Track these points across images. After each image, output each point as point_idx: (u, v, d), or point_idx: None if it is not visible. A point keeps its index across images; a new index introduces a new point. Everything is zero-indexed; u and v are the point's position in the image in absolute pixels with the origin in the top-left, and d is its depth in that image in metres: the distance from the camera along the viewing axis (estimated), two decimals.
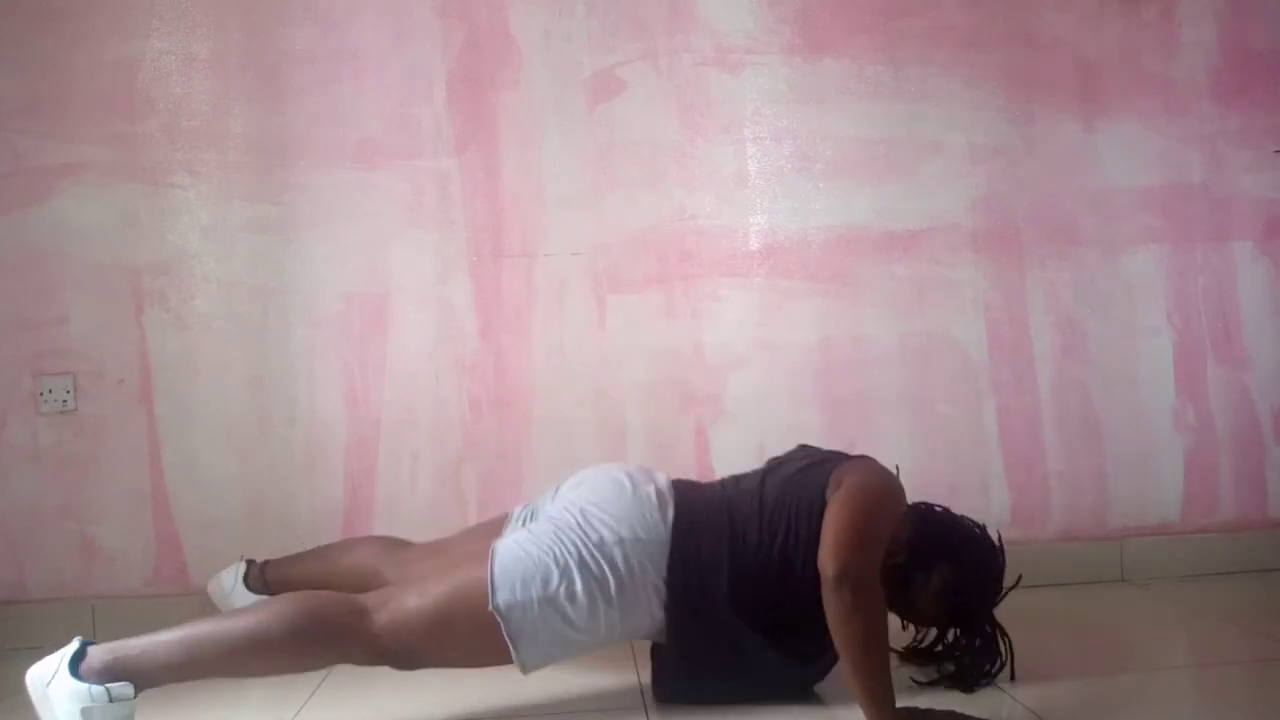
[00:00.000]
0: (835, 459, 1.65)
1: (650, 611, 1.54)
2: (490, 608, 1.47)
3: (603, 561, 1.51)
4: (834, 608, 1.41)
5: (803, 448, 1.75)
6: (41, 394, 2.24)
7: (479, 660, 1.55)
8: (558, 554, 1.51)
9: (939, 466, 2.31)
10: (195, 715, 1.72)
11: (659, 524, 1.56)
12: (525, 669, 1.53)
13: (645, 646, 1.89)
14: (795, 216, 2.35)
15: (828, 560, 1.41)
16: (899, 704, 1.41)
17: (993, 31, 2.38)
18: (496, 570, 1.50)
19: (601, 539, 1.53)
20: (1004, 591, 1.67)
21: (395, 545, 1.89)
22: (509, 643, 1.48)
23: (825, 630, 1.44)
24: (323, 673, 1.89)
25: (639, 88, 2.33)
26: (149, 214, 2.27)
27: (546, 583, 1.49)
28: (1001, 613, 1.68)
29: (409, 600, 1.50)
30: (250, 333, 2.28)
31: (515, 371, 2.30)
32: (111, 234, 2.26)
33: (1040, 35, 2.39)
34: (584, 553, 1.51)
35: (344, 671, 1.87)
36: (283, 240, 2.29)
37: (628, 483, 1.62)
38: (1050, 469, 2.37)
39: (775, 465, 1.71)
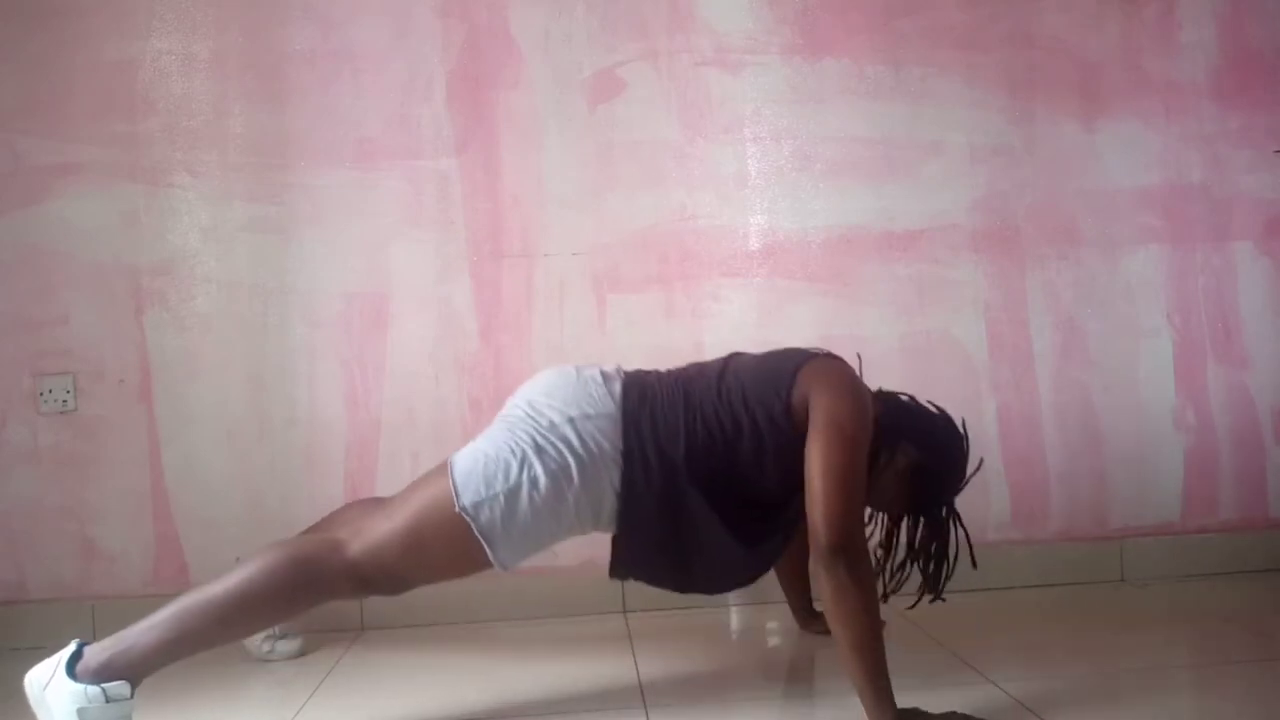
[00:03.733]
0: (799, 358, 1.62)
1: (610, 482, 1.54)
2: (457, 510, 1.48)
3: (557, 442, 1.52)
4: (829, 582, 1.41)
5: (770, 351, 1.73)
6: (41, 394, 2.24)
7: (459, 568, 1.55)
8: (513, 447, 1.52)
9: None
10: (195, 715, 1.72)
11: (606, 398, 1.58)
12: (504, 566, 1.53)
13: (644, 648, 1.89)
14: (795, 216, 2.35)
15: (822, 530, 1.42)
16: (899, 704, 1.41)
17: (993, 31, 2.38)
18: (457, 475, 1.51)
19: (552, 421, 1.54)
20: (967, 476, 1.68)
21: (374, 500, 1.89)
22: (483, 542, 1.49)
23: (770, 515, 1.50)
24: (323, 673, 1.90)
25: (639, 88, 2.33)
26: (149, 214, 2.27)
27: (508, 475, 1.50)
28: (1002, 612, 1.68)
29: (380, 525, 1.51)
30: (250, 333, 2.28)
31: (515, 371, 2.29)
32: (111, 234, 2.26)
33: (1040, 35, 2.39)
34: (538, 438, 1.53)
35: (344, 671, 1.87)
36: (283, 240, 2.29)
37: (571, 370, 1.65)
38: (1050, 469, 2.37)
39: (737, 354, 1.72)
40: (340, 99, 2.30)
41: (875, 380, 1.70)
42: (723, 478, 1.56)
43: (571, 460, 1.51)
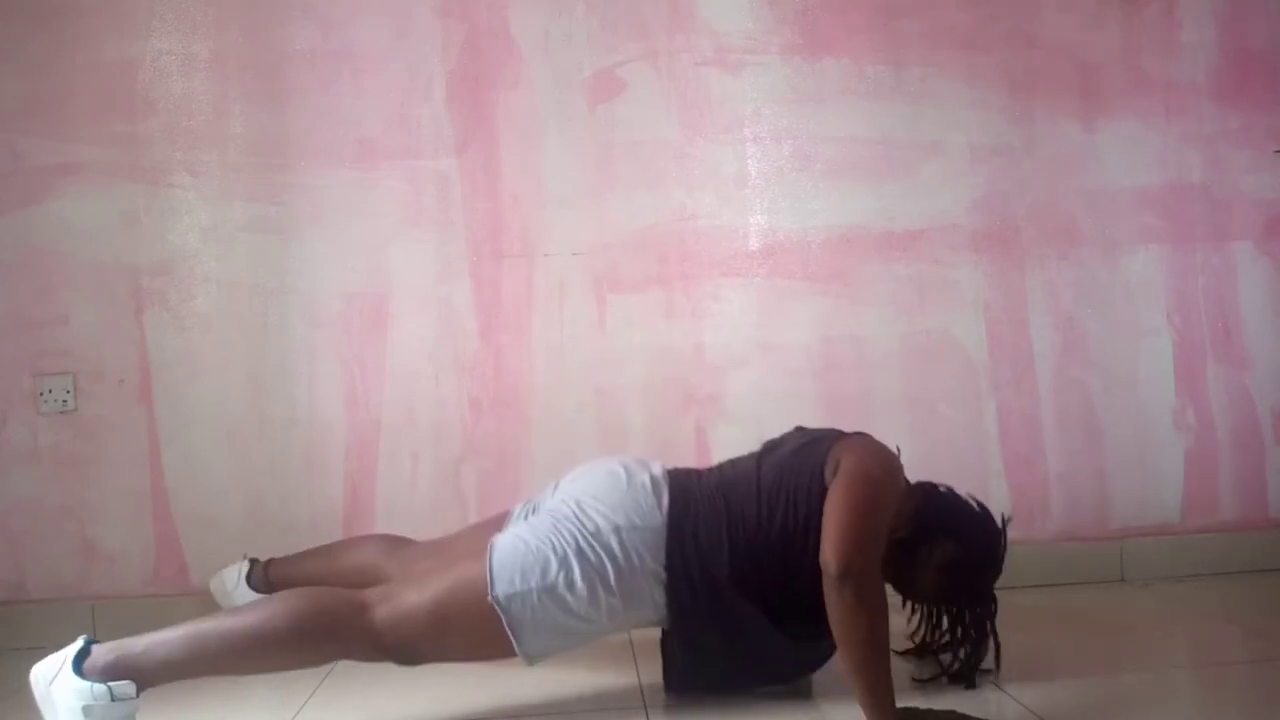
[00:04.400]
0: (832, 436, 1.64)
1: (652, 598, 1.55)
2: (489, 598, 1.48)
3: (600, 550, 1.52)
4: (836, 605, 1.41)
5: (799, 429, 1.75)
6: (41, 394, 2.24)
7: (481, 654, 1.55)
8: (555, 544, 1.52)
9: (939, 466, 2.29)
10: (195, 715, 1.72)
11: (654, 510, 1.57)
12: (530, 660, 1.53)
13: (645, 647, 1.89)
14: (795, 216, 2.35)
15: (830, 557, 1.42)
16: (899, 704, 1.41)
17: (993, 31, 2.38)
18: (495, 562, 1.51)
19: (598, 528, 1.54)
20: (1002, 560, 1.68)
21: (397, 543, 1.90)
22: (510, 634, 1.49)
23: (821, 610, 1.45)
24: (323, 673, 1.89)
25: (639, 88, 2.33)
26: (149, 214, 2.27)
27: (545, 573, 1.50)
28: (1002, 612, 1.68)
29: (409, 595, 1.51)
30: (250, 333, 2.28)
31: (515, 371, 2.30)
32: (111, 234, 2.26)
33: (1040, 35, 2.39)
34: (581, 542, 1.52)
35: (344, 672, 1.87)
36: (283, 240, 2.29)
37: (623, 473, 1.63)
38: (1050, 469, 2.37)
39: (771, 446, 1.71)
40: (340, 99, 2.30)
41: (876, 382, 1.71)
42: (770, 581, 1.56)
43: (610, 568, 1.51)
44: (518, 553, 1.52)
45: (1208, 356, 2.40)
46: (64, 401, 2.24)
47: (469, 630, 1.50)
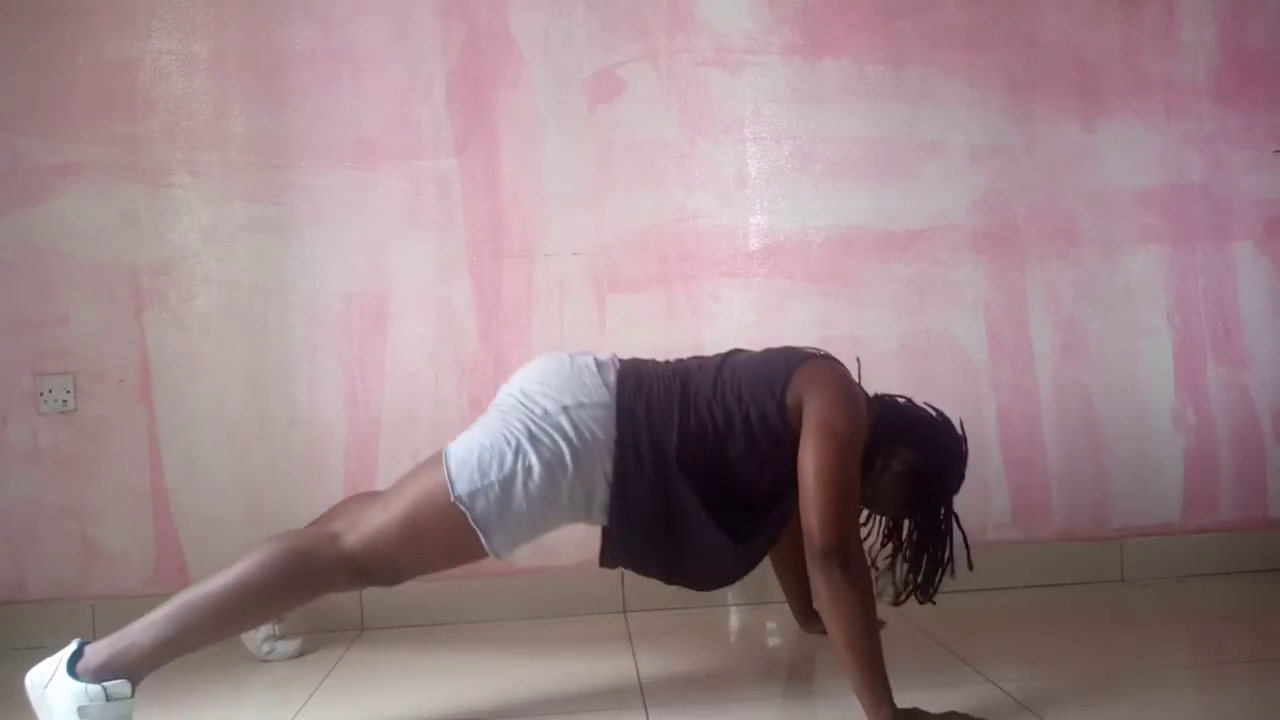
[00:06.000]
0: (798, 357, 1.62)
1: (603, 470, 1.54)
2: (453, 500, 1.48)
3: (551, 431, 1.53)
4: (824, 583, 1.42)
5: (768, 349, 1.74)
6: (41, 394, 2.24)
7: (455, 557, 1.56)
8: (507, 436, 1.53)
9: None
10: (195, 715, 1.72)
11: (600, 387, 1.58)
12: (499, 554, 1.53)
13: (644, 648, 1.89)
14: (795, 216, 2.35)
15: (814, 533, 1.43)
16: (900, 705, 1.41)
17: (993, 31, 2.38)
18: (452, 464, 1.52)
19: (545, 410, 1.55)
20: (964, 465, 1.68)
21: (371, 495, 1.89)
22: (478, 530, 1.49)
23: (758, 513, 1.53)
24: (323, 673, 1.90)
25: (639, 88, 2.33)
26: (149, 214, 2.27)
27: (502, 464, 1.50)
28: (1002, 612, 1.68)
29: (375, 515, 1.52)
30: (250, 333, 2.28)
31: (514, 371, 2.29)
32: (111, 234, 2.26)
33: (1040, 35, 2.39)
34: (532, 427, 1.53)
35: (344, 671, 1.87)
36: (283, 240, 2.29)
37: (565, 358, 1.65)
38: (1050, 469, 2.37)
39: (736, 351, 1.72)
40: (340, 99, 2.30)
41: (875, 381, 1.71)
42: (714, 472, 1.57)
43: (566, 449, 1.52)
44: (472, 451, 1.53)
45: (1208, 356, 2.40)
46: (64, 401, 2.24)
47: (438, 536, 1.51)
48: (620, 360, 1.67)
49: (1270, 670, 1.71)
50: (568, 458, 1.52)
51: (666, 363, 1.71)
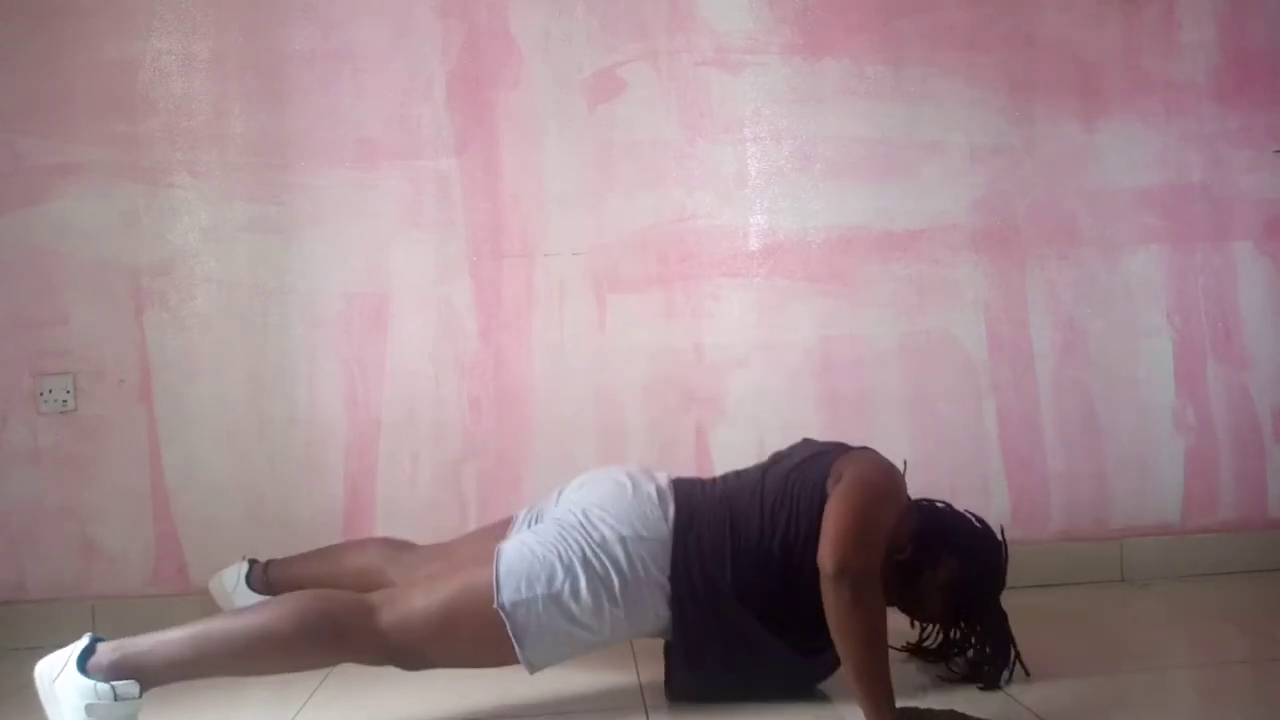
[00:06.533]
0: (837, 450, 1.65)
1: (655, 609, 1.55)
2: (495, 606, 1.48)
3: (605, 560, 1.52)
4: (833, 604, 1.41)
5: (805, 442, 1.75)
6: (41, 394, 2.24)
7: (484, 660, 1.55)
8: (562, 553, 1.52)
9: (939, 466, 2.31)
10: (195, 715, 1.72)
11: (660, 521, 1.57)
12: (532, 668, 1.53)
13: (645, 648, 1.89)
14: (795, 216, 2.35)
15: (826, 556, 1.42)
16: (899, 704, 1.41)
17: (993, 31, 2.38)
18: (501, 569, 1.51)
19: (604, 538, 1.54)
20: (1005, 573, 1.68)
21: (400, 547, 1.89)
22: (514, 641, 1.49)
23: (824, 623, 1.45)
24: (323, 673, 1.89)
25: (639, 88, 2.33)
26: (149, 214, 2.27)
27: (551, 581, 1.50)
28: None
29: (416, 600, 1.51)
30: (250, 333, 2.28)
31: (515, 372, 2.30)
32: (111, 234, 2.26)
33: (1040, 35, 2.39)
34: (587, 551, 1.52)
35: (344, 672, 1.87)
36: (283, 240, 2.29)
37: (629, 483, 1.64)
38: (1050, 469, 2.37)
39: (777, 459, 1.71)
40: (340, 99, 2.30)
41: (876, 382, 1.71)
42: (772, 592, 1.56)
43: (616, 579, 1.52)
44: (524, 560, 1.52)
45: (1208, 356, 2.40)
46: (64, 401, 2.24)
47: (474, 636, 1.50)
48: (674, 483, 1.66)
49: (1270, 670, 1.71)
50: (617, 588, 1.51)
51: (714, 484, 1.69)
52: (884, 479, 1.54)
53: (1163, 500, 2.38)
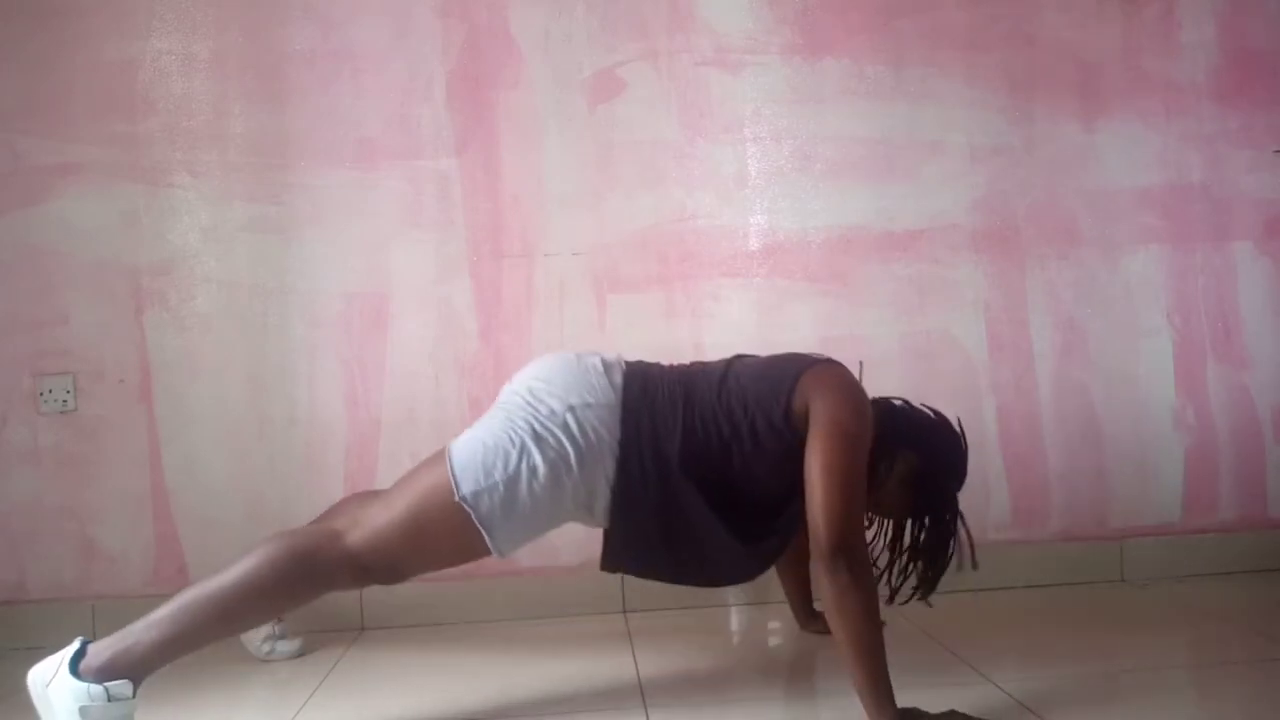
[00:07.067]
0: (803, 364, 1.62)
1: (605, 473, 1.54)
2: (457, 500, 1.48)
3: (556, 430, 1.52)
4: (830, 582, 1.41)
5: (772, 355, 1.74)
6: (41, 394, 2.24)
7: (458, 556, 1.56)
8: (512, 435, 1.52)
9: None
10: (195, 715, 1.72)
11: (607, 389, 1.57)
12: (502, 553, 1.53)
13: (644, 648, 1.89)
14: (795, 216, 2.35)
15: (821, 534, 1.42)
16: (900, 704, 1.41)
17: (993, 31, 2.38)
18: (456, 464, 1.51)
19: (551, 409, 1.54)
20: (965, 465, 1.69)
21: (372, 493, 1.89)
22: (482, 530, 1.49)
23: (768, 516, 1.51)
24: (323, 673, 1.90)
25: (639, 88, 2.33)
26: (149, 214, 2.27)
27: (507, 464, 1.50)
28: (1002, 612, 1.68)
29: (378, 514, 1.52)
30: (250, 333, 2.28)
31: (515, 372, 2.29)
32: (111, 234, 2.26)
33: (1040, 35, 2.39)
34: (536, 427, 1.52)
35: (344, 671, 1.87)
36: (283, 240, 2.29)
37: (571, 357, 1.64)
38: (1050, 469, 2.37)
39: (740, 357, 1.72)
40: (340, 99, 2.30)
41: (876, 382, 1.70)
42: (719, 477, 1.57)
43: (570, 448, 1.51)
44: (476, 451, 1.52)
45: (1208, 356, 2.40)
46: (64, 401, 2.24)
47: (441, 535, 1.50)
48: (627, 362, 1.67)
49: (1270, 670, 1.71)
50: (572, 458, 1.51)
51: (672, 367, 1.70)
52: (855, 417, 1.52)
53: (1163, 500, 2.38)
